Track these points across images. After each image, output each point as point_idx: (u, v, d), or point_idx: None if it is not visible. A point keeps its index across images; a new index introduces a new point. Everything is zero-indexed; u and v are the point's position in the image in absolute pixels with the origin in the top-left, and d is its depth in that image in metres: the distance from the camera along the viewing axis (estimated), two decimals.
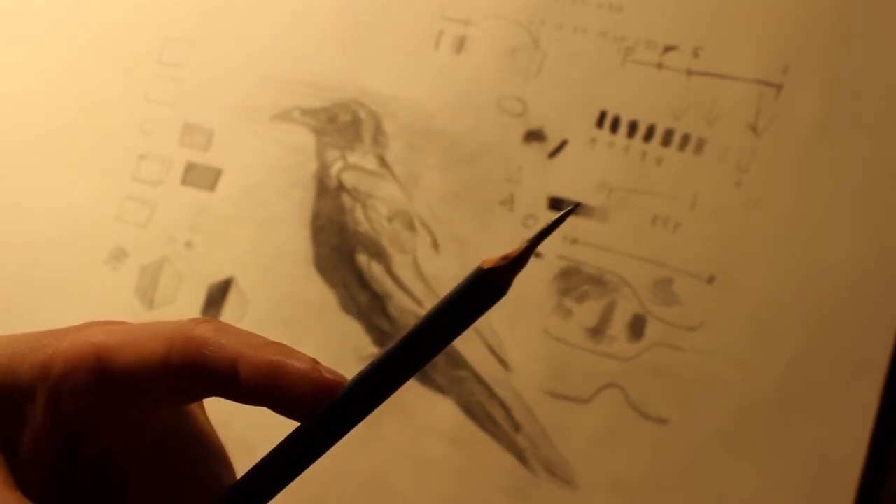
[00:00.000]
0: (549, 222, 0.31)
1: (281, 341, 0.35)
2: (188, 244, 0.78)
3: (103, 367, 0.34)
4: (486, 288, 0.32)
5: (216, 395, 0.34)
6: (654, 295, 0.70)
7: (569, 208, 0.32)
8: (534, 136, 0.74)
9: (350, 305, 0.75)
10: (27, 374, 0.35)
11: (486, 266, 0.31)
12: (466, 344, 0.73)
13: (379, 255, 0.75)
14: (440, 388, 0.73)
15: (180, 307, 0.77)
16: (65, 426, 0.35)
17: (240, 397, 0.34)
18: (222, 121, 0.80)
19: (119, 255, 0.79)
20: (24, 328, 0.83)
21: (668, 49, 0.72)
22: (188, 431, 0.37)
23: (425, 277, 0.74)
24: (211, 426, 0.38)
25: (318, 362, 0.34)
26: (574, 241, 0.72)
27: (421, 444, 0.73)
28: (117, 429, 0.36)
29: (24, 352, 0.35)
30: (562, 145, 0.73)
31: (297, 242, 0.77)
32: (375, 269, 0.75)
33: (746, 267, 0.69)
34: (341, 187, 0.77)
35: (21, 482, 0.34)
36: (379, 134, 0.76)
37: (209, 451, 0.38)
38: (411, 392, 0.73)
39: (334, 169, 0.77)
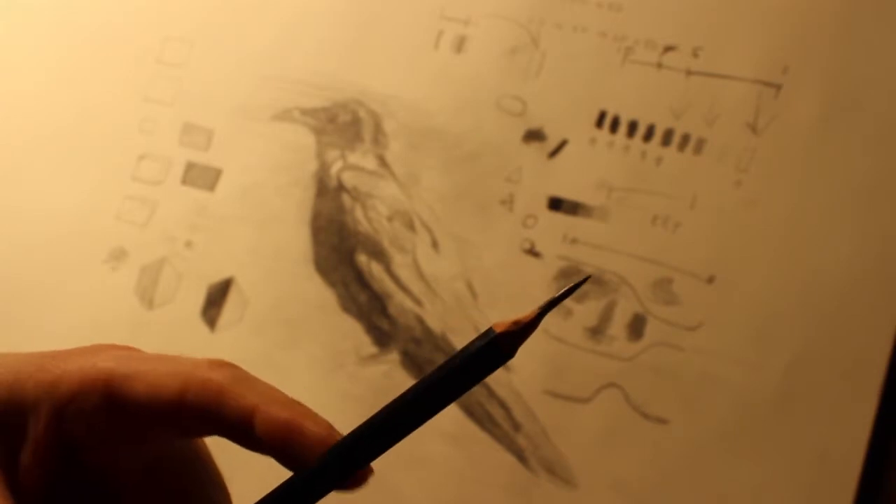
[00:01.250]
0: (562, 291, 0.31)
1: (281, 341, 0.36)
2: (188, 244, 0.78)
3: (112, 393, 0.35)
4: (496, 351, 0.32)
5: (225, 437, 0.35)
6: (654, 295, 0.70)
7: (583, 279, 0.33)
8: (534, 135, 0.74)
9: (350, 305, 0.75)
10: (32, 393, 0.35)
11: (497, 330, 0.32)
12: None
13: (379, 254, 0.75)
14: None
15: (180, 307, 0.77)
16: (65, 444, 0.35)
17: (250, 446, 0.34)
18: (222, 121, 0.80)
19: (119, 254, 0.79)
20: (24, 328, 0.83)
21: (667, 49, 0.72)
22: (187, 454, 0.37)
23: (425, 277, 0.74)
24: (208, 450, 0.38)
25: (333, 427, 0.35)
26: (574, 240, 0.72)
27: (421, 444, 0.73)
28: (118, 449, 0.36)
29: (29, 371, 0.35)
30: (562, 145, 0.73)
31: (297, 242, 0.77)
32: (375, 269, 0.75)
33: (746, 267, 0.69)
34: (341, 187, 0.77)
35: (20, 496, 0.34)
36: (379, 134, 0.76)
37: (205, 474, 0.38)
38: None
39: (334, 169, 0.77)
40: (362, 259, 0.76)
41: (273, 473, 0.37)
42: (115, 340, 0.81)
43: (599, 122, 0.73)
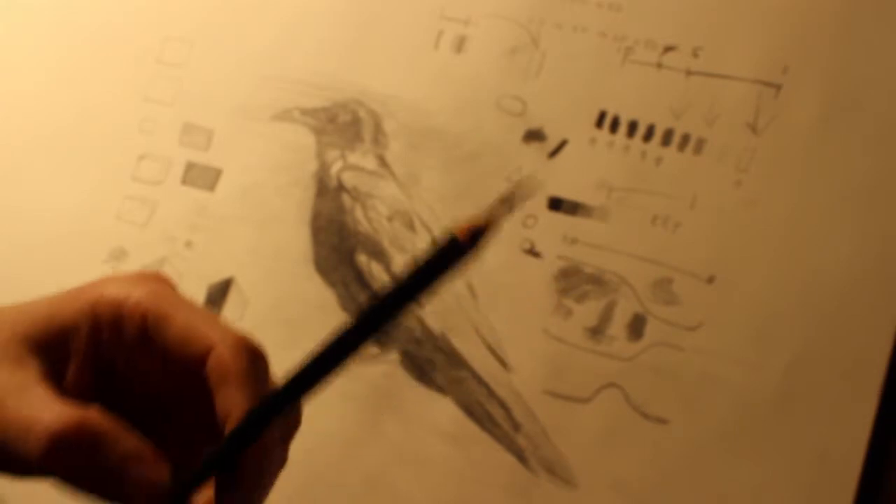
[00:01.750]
0: (511, 193, 0.34)
1: (281, 341, 0.37)
2: (188, 244, 0.78)
3: (147, 331, 0.39)
4: (455, 250, 0.35)
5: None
6: (654, 295, 0.70)
7: (530, 187, 0.37)
8: (533, 135, 0.74)
9: (350, 305, 0.75)
10: (72, 316, 0.39)
11: (456, 232, 0.35)
12: (466, 344, 0.73)
13: (379, 254, 0.75)
14: (440, 388, 0.73)
15: None
16: (102, 365, 0.39)
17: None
18: (222, 120, 0.80)
19: (119, 254, 0.79)
20: None
21: (667, 49, 0.72)
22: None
23: None
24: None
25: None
26: (574, 240, 0.72)
27: (421, 444, 0.73)
28: (148, 372, 0.40)
29: (70, 295, 0.40)
30: (561, 145, 0.73)
31: (297, 242, 0.77)
32: (375, 269, 0.75)
33: (746, 267, 0.69)
34: (341, 187, 0.77)
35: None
36: (379, 134, 0.76)
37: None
38: (411, 392, 0.73)
39: (334, 169, 0.77)
40: (362, 259, 0.76)
41: None
42: None
43: (599, 122, 0.73)
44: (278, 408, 0.37)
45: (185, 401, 0.40)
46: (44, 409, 0.36)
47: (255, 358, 0.40)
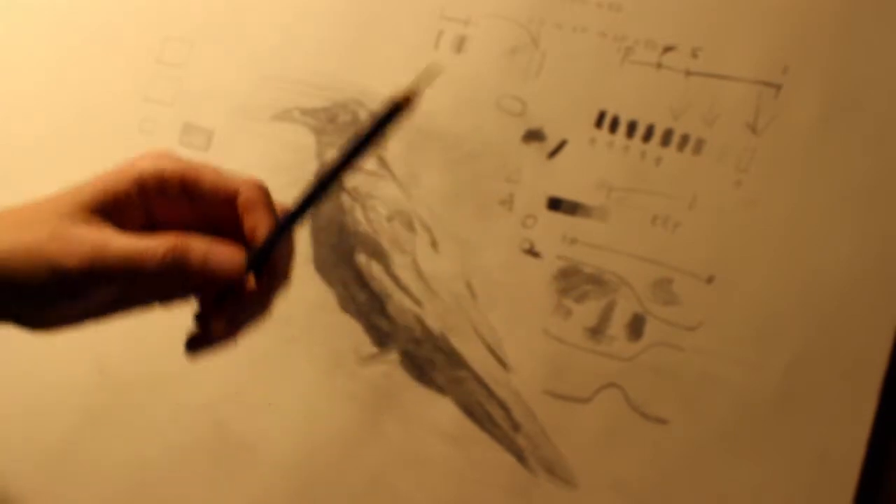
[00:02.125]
0: (423, 75, 0.52)
1: (280, 340, 0.38)
2: None
3: (187, 184, 0.54)
4: (395, 110, 0.52)
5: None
6: (654, 295, 0.70)
7: (435, 70, 0.54)
8: (533, 135, 0.74)
9: (349, 305, 0.75)
10: (125, 188, 0.54)
11: (398, 99, 0.51)
12: (466, 344, 0.73)
13: (378, 254, 0.76)
14: (440, 388, 0.73)
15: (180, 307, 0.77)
16: (150, 218, 0.54)
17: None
18: (222, 121, 0.80)
19: None
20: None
21: (667, 49, 0.72)
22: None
23: (424, 277, 0.74)
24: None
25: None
26: (573, 241, 0.72)
27: (421, 444, 0.73)
28: (185, 215, 0.55)
29: (116, 176, 0.54)
30: (561, 145, 0.73)
31: (297, 242, 0.77)
32: (375, 269, 0.75)
33: (746, 267, 0.69)
34: (341, 187, 0.77)
35: None
36: None
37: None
38: (411, 392, 0.73)
39: None
40: (362, 259, 0.76)
41: None
42: (115, 340, 0.81)
43: (599, 122, 0.73)
44: (292, 222, 0.54)
45: (209, 231, 0.55)
46: (148, 241, 0.52)
47: (267, 192, 0.55)
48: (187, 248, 0.52)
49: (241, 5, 0.81)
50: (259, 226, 0.54)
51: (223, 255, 0.53)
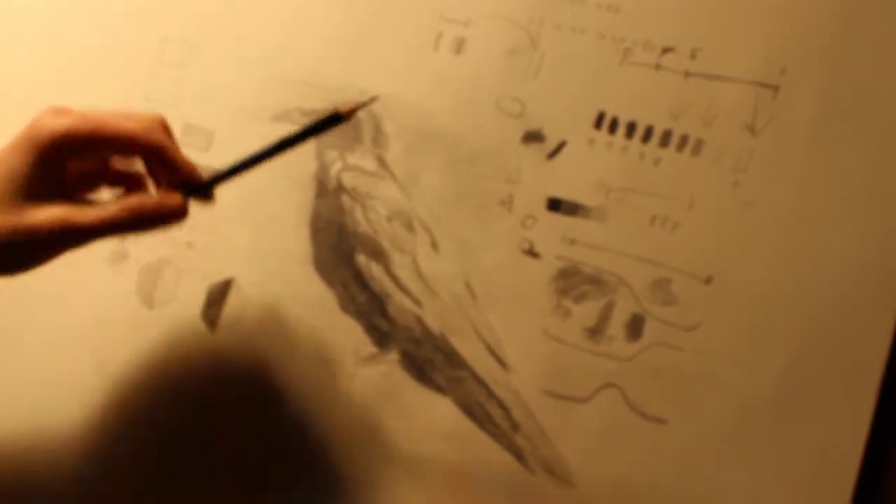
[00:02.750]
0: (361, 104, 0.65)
1: (280, 341, 0.38)
2: (188, 244, 0.79)
3: (95, 140, 0.63)
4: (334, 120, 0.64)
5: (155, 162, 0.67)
6: (653, 295, 0.70)
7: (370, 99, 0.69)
8: (533, 136, 0.74)
9: (349, 305, 0.75)
10: (27, 165, 0.62)
11: (342, 111, 0.64)
12: (465, 344, 0.73)
13: (378, 255, 0.76)
14: (439, 388, 0.73)
15: (180, 307, 0.77)
16: (55, 170, 0.63)
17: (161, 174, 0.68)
18: (222, 121, 0.80)
19: (120, 255, 0.79)
20: (25, 328, 0.83)
21: (665, 50, 0.72)
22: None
23: (424, 277, 0.75)
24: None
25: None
26: (572, 241, 0.72)
27: (420, 444, 0.73)
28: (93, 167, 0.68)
29: (22, 137, 0.63)
30: (560, 146, 0.74)
31: (297, 243, 0.77)
32: (375, 270, 0.76)
33: (744, 267, 0.69)
34: (341, 188, 0.77)
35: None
36: (378, 134, 0.77)
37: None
38: (410, 392, 0.74)
39: (334, 170, 0.77)
40: (362, 259, 0.76)
41: None
42: (116, 340, 0.81)
43: (598, 123, 0.73)
44: (232, 173, 0.68)
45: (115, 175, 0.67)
46: (101, 213, 0.64)
47: (166, 124, 0.66)
48: (142, 212, 0.63)
49: (241, 5, 0.81)
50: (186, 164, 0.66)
51: (170, 206, 0.65)
